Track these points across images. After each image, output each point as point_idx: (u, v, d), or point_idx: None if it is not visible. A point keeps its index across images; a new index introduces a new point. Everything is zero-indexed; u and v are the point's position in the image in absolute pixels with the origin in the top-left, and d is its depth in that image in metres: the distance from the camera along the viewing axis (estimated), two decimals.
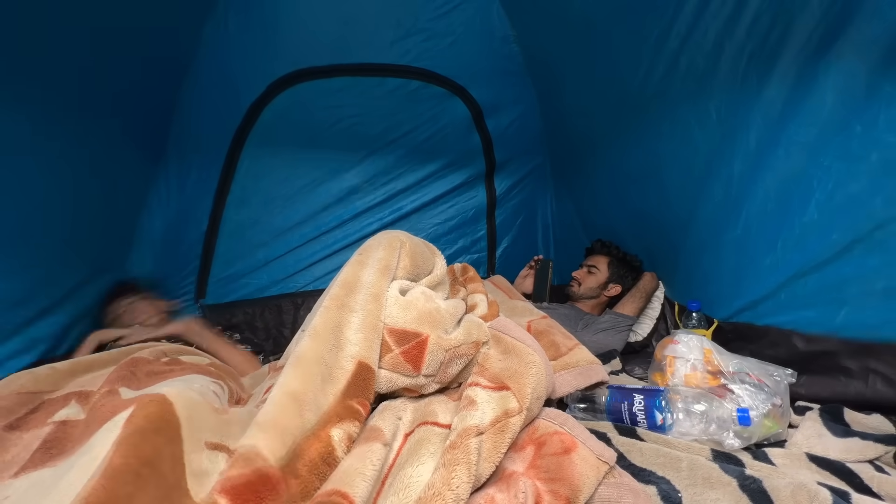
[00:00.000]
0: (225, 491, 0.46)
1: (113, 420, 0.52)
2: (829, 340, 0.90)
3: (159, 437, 0.50)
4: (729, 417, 0.74)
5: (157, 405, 0.53)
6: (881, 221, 0.80)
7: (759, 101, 0.96)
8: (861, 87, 0.79)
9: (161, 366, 0.84)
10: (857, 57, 0.79)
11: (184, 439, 0.52)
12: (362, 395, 0.63)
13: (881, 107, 0.77)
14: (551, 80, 1.70)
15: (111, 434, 0.49)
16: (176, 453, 0.50)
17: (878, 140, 0.78)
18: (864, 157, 0.80)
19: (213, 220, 1.69)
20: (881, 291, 0.81)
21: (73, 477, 0.47)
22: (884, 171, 0.78)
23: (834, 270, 0.88)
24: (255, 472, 0.48)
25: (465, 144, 1.87)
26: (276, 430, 0.54)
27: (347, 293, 0.74)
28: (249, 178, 1.71)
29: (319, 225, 1.79)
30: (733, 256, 1.12)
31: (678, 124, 1.18)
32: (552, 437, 0.60)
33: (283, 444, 0.53)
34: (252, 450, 0.51)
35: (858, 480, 0.63)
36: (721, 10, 0.95)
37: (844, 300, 0.88)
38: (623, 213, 1.60)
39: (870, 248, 0.82)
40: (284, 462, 0.52)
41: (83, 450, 0.50)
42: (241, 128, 1.64)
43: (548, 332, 0.99)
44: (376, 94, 1.69)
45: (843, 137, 0.83)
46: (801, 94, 0.89)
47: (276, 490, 0.48)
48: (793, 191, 0.94)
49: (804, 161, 0.90)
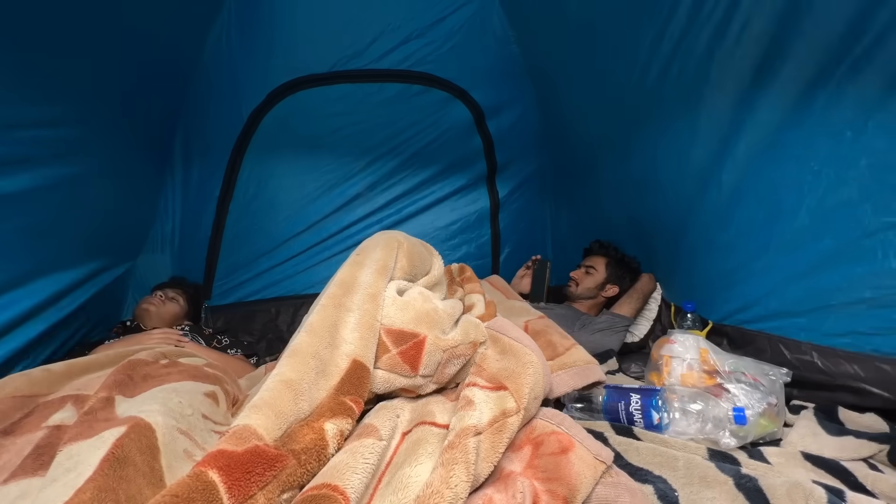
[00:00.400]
0: (218, 466, 0.45)
1: (100, 436, 0.52)
2: (815, 348, 0.90)
3: None
4: (725, 417, 0.74)
5: None
6: (869, 230, 0.80)
7: (750, 107, 0.97)
8: (851, 94, 0.80)
9: (159, 368, 0.83)
10: (847, 64, 0.79)
11: (167, 484, 0.52)
12: (356, 392, 0.63)
13: (870, 113, 0.78)
14: (550, 82, 1.70)
15: (98, 452, 0.49)
16: None
17: (867, 146, 0.79)
18: (853, 162, 0.81)
19: (216, 226, 1.71)
20: (868, 300, 0.81)
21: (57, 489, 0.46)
22: (873, 176, 0.79)
23: (823, 277, 0.89)
24: (249, 451, 0.47)
25: (466, 147, 1.87)
26: (271, 412, 0.53)
27: (345, 293, 0.74)
28: (252, 184, 1.72)
29: (321, 231, 1.80)
30: (725, 259, 1.13)
31: (671, 129, 1.19)
32: (549, 437, 0.60)
33: (278, 425, 0.53)
34: (247, 428, 0.50)
35: (853, 479, 0.63)
36: (712, 15, 0.96)
37: (831, 307, 0.88)
38: (621, 216, 1.61)
39: (858, 257, 0.82)
40: (280, 443, 0.52)
41: (68, 463, 0.49)
42: (242, 135, 1.66)
43: (545, 332, 1.00)
44: (377, 100, 1.69)
45: (834, 143, 0.83)
46: (792, 100, 0.89)
47: (271, 468, 0.47)
48: (784, 196, 0.94)
49: (795, 166, 0.91)
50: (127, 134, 1.30)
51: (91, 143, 1.14)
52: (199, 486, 0.44)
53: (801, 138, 0.89)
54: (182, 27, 1.36)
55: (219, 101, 1.58)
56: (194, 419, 0.66)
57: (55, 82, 0.97)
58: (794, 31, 0.84)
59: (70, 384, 0.81)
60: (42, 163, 1.00)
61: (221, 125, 1.63)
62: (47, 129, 0.99)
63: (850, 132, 0.81)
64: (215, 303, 1.73)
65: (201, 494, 0.43)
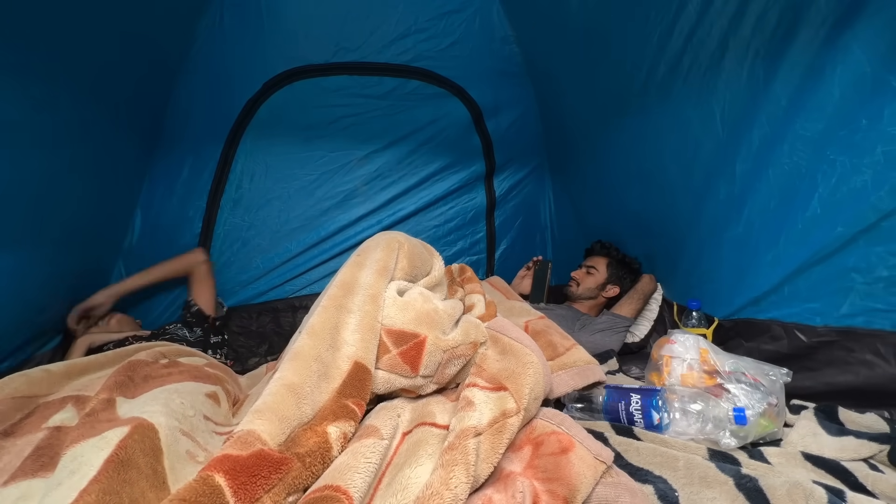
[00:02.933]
0: (224, 470, 0.46)
1: (103, 436, 0.52)
2: (832, 330, 0.92)
3: None
4: (725, 417, 0.74)
5: None
6: (887, 212, 0.80)
7: (764, 97, 0.97)
8: (867, 81, 0.80)
9: (159, 368, 0.83)
10: (864, 51, 0.79)
11: (170, 487, 0.52)
12: (358, 395, 0.63)
13: (886, 100, 0.78)
14: (550, 81, 1.70)
15: (102, 453, 0.49)
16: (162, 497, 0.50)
17: (883, 133, 0.79)
18: (869, 150, 0.81)
19: (206, 222, 1.65)
20: (886, 279, 0.83)
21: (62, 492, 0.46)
22: (889, 163, 0.79)
23: (838, 262, 0.89)
24: (254, 455, 0.48)
25: (465, 146, 1.86)
26: (274, 417, 0.54)
27: (345, 294, 0.74)
28: (245, 178, 1.68)
29: (318, 229, 1.77)
30: (735, 254, 1.13)
31: (681, 124, 1.18)
32: (550, 437, 0.60)
33: (281, 430, 0.53)
34: (251, 434, 0.51)
35: (853, 479, 0.63)
36: (725, 7, 0.96)
37: (848, 290, 0.89)
38: (622, 214, 1.60)
39: (875, 238, 0.83)
40: (284, 447, 0.52)
41: (73, 465, 0.49)
42: (236, 126, 1.62)
43: (545, 333, 1.00)
44: (374, 93, 1.68)
45: (848, 131, 0.84)
46: (807, 89, 0.89)
47: (276, 472, 0.48)
48: (797, 186, 0.94)
49: (809, 156, 0.91)
50: (113, 125, 1.26)
51: (75, 134, 1.11)
52: (206, 490, 0.44)
53: (816, 128, 0.89)
54: (171, 13, 1.32)
55: (211, 90, 1.53)
56: (196, 420, 0.66)
57: (39, 73, 0.95)
58: (812, 19, 0.84)
59: (70, 385, 0.81)
60: (25, 153, 0.97)
61: (213, 116, 1.58)
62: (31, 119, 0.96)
63: (866, 120, 0.81)
64: None
65: (208, 498, 0.44)
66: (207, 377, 0.85)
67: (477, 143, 1.88)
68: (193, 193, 1.63)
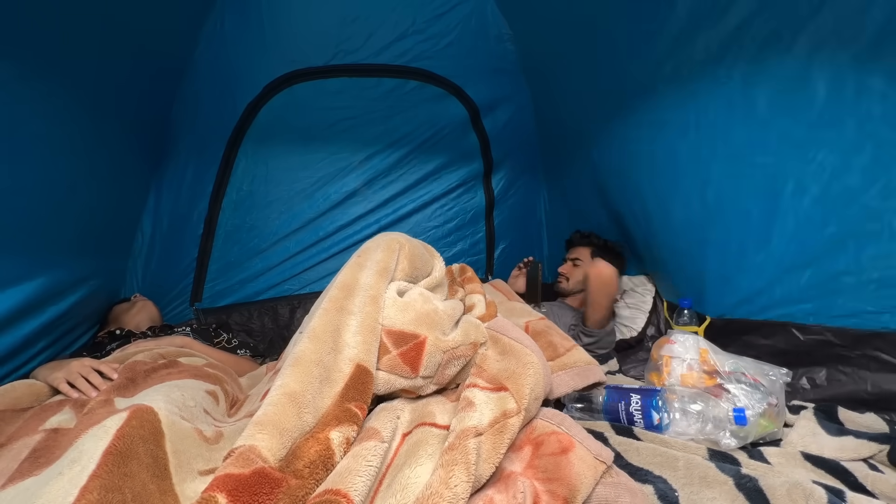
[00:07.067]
0: (226, 490, 0.46)
1: (101, 425, 0.52)
2: (827, 329, 0.93)
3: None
4: (725, 417, 0.74)
5: None
6: (876, 212, 0.81)
7: (749, 100, 0.97)
8: (852, 83, 0.81)
9: (159, 368, 0.83)
10: (849, 53, 0.80)
11: (172, 473, 0.52)
12: (360, 398, 0.63)
13: (874, 101, 0.78)
14: (544, 79, 1.72)
15: (101, 443, 0.49)
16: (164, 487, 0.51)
17: (872, 133, 0.80)
18: (858, 150, 0.82)
19: (208, 224, 1.67)
20: (877, 281, 0.83)
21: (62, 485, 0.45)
22: (878, 163, 0.80)
23: (829, 263, 0.90)
24: (255, 473, 0.48)
25: (462, 145, 1.87)
26: (275, 430, 0.54)
27: (346, 295, 0.74)
28: (246, 180, 1.70)
29: (318, 230, 1.78)
30: (725, 254, 1.13)
31: (669, 124, 1.19)
32: (550, 437, 0.60)
33: (282, 444, 0.53)
34: (252, 450, 0.51)
35: (853, 479, 0.63)
36: (711, 11, 0.97)
37: (840, 291, 0.90)
38: (615, 213, 1.61)
39: (865, 240, 0.84)
40: (284, 463, 0.52)
41: (73, 456, 0.49)
42: (237, 129, 1.64)
43: (546, 333, 1.00)
44: (373, 94, 1.69)
45: (836, 132, 0.84)
46: (792, 92, 0.90)
47: (276, 489, 0.48)
48: (786, 187, 0.95)
49: (797, 157, 0.92)
50: (125, 134, 1.28)
51: (91, 144, 1.13)
52: None
53: (803, 129, 0.90)
54: (175, 18, 1.34)
55: (213, 93, 1.56)
56: (197, 411, 0.66)
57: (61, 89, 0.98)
58: (795, 23, 0.85)
59: None
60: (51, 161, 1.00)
61: (215, 119, 1.61)
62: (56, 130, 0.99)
63: (854, 121, 0.82)
64: (206, 305, 1.69)
65: None
66: (207, 376, 0.85)
67: (474, 141, 1.89)
68: (196, 196, 1.65)
